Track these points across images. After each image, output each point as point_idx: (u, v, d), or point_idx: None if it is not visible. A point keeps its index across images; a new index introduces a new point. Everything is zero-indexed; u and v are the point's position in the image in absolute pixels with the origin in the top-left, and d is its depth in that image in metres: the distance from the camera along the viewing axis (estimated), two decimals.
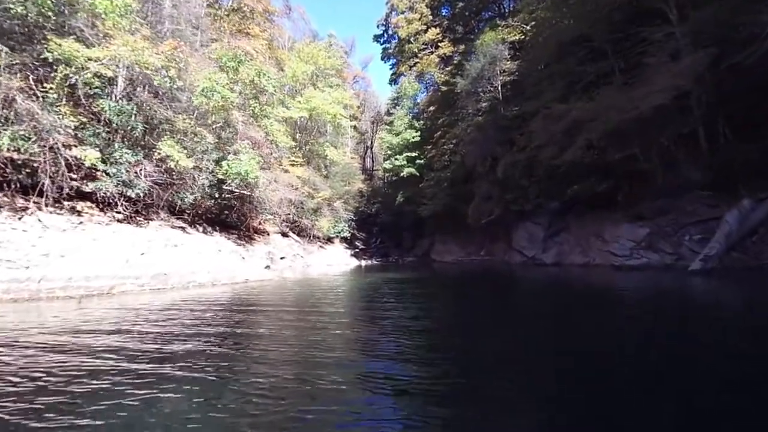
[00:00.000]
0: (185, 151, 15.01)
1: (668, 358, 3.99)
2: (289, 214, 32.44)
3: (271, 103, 29.56)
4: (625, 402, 3.02)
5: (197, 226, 19.26)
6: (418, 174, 36.46)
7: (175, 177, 15.88)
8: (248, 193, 19.87)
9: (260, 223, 30.04)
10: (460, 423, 2.74)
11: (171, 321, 5.93)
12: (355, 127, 61.15)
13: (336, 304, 8.10)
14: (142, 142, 14.51)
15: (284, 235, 31.98)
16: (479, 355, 4.47)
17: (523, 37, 27.75)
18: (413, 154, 37.20)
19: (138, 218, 14.98)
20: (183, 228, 17.07)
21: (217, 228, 22.95)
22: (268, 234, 30.13)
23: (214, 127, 18.60)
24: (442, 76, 37.90)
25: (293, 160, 31.02)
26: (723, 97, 14.13)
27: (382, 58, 54.92)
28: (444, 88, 35.27)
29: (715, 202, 14.75)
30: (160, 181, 14.95)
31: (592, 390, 3.26)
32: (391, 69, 52.93)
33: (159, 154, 13.71)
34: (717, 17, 13.42)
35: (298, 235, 34.29)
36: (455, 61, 35.00)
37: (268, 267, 19.96)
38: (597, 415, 2.83)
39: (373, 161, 65.46)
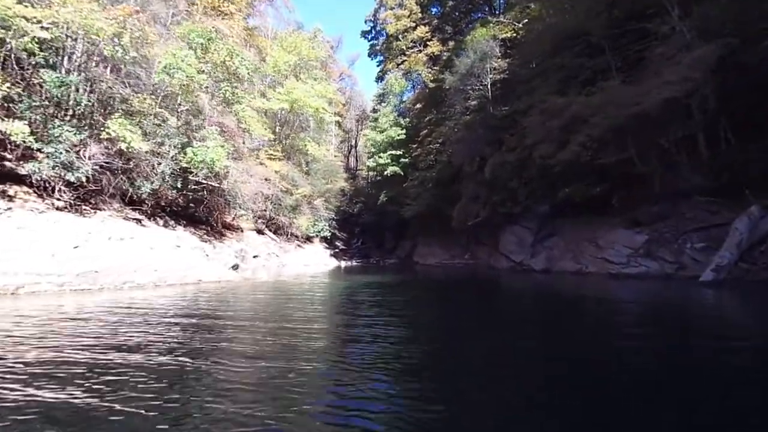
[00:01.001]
0: (141, 133, 13.32)
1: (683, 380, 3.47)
2: (265, 210, 30.82)
3: (247, 89, 28.01)
4: (621, 410, 2.90)
5: (157, 218, 17.50)
6: (402, 173, 35.15)
7: (129, 162, 14.16)
8: (217, 185, 18.20)
9: (234, 219, 28.33)
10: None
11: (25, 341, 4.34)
12: (339, 124, 59.72)
13: (299, 315, 6.63)
14: (90, 121, 12.77)
15: (260, 232, 30.29)
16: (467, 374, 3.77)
17: (514, 35, 26.79)
18: (398, 153, 35.89)
19: (83, 207, 13.22)
20: (139, 220, 15.33)
21: (184, 222, 21.18)
22: (242, 231, 28.44)
23: (180, 110, 16.93)
24: (430, 75, 36.77)
25: (271, 154, 29.37)
26: (727, 96, 13.25)
27: (369, 55, 53.58)
28: (432, 85, 34.10)
29: (716, 208, 13.83)
30: (110, 166, 13.22)
31: (587, 397, 3.12)
32: (378, 66, 51.69)
33: (107, 134, 11.99)
34: (724, 13, 12.54)
35: (275, 233, 32.64)
36: (444, 58, 33.85)
37: (236, 266, 18.30)
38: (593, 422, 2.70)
39: (357, 160, 63.95)
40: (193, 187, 18.93)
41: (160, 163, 15.22)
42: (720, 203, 13.89)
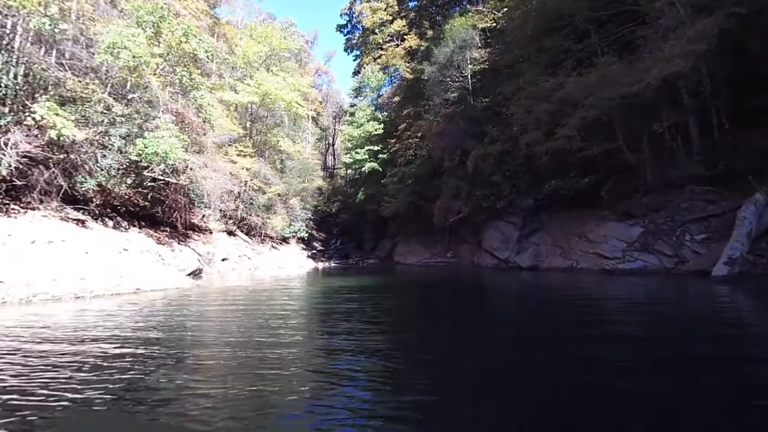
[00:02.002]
0: (78, 120, 11.58)
1: None
2: (236, 210, 29.06)
3: (215, 82, 26.19)
4: None
5: (106, 219, 15.68)
6: (380, 170, 33.78)
7: (66, 154, 12.37)
8: (176, 182, 16.46)
9: (202, 220, 26.51)
10: None
11: None
12: (316, 122, 58.04)
13: (243, 338, 5.17)
14: (14, 105, 10.97)
15: (230, 234, 28.49)
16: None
17: (494, 24, 25.81)
18: (375, 148, 34.48)
19: (10, 205, 11.41)
20: (81, 221, 13.53)
21: (142, 224, 19.33)
22: (211, 232, 26.61)
23: (129, 97, 15.15)
24: (408, 69, 35.57)
25: (241, 151, 27.58)
26: (724, 79, 12.45)
27: (345, 49, 52.21)
28: (410, 76, 32.89)
29: (712, 197, 13.03)
30: (41, 158, 11.44)
31: None
32: (354, 60, 50.33)
33: (33, 119, 10.23)
34: None
35: (248, 234, 30.87)
36: (423, 50, 32.71)
37: (197, 271, 16.63)
38: None
39: (335, 159, 62.33)
40: (150, 184, 17.13)
41: (105, 156, 13.44)
42: (716, 192, 13.11)
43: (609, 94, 11.92)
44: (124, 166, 14.84)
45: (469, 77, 25.16)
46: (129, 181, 14.87)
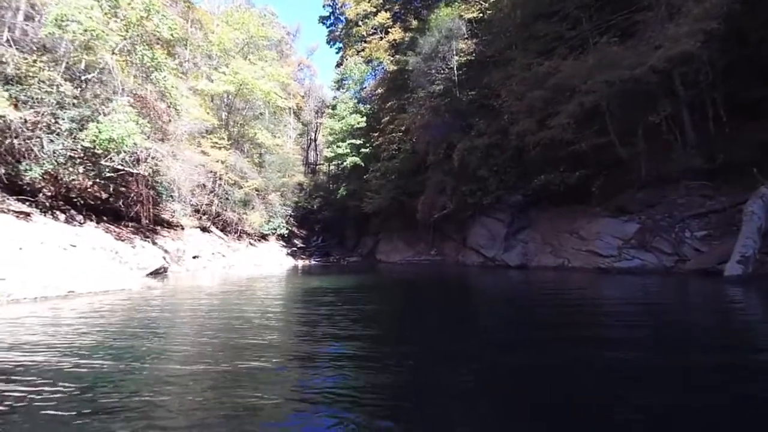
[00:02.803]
0: (16, 100, 10.18)
1: None
2: (210, 205, 27.62)
3: (188, 70, 24.75)
4: None
5: (57, 212, 14.21)
6: (363, 164, 32.65)
7: (3, 137, 10.93)
8: (137, 172, 15.03)
9: (174, 216, 24.99)
10: None
11: None
12: (298, 116, 56.47)
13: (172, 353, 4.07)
14: None
15: (204, 230, 27.01)
16: None
17: (480, 15, 24.95)
18: (358, 142, 33.31)
19: None
20: (26, 214, 12.08)
21: (104, 218, 17.84)
22: (182, 228, 25.10)
23: (84, 79, 13.71)
24: (392, 64, 34.48)
25: (216, 142, 26.08)
26: (725, 69, 11.81)
27: (328, 42, 50.85)
28: (393, 68, 31.83)
29: (710, 192, 12.39)
30: None
31: None
32: (337, 53, 49.07)
33: None
34: None
35: (223, 230, 29.42)
36: (407, 39, 31.68)
37: (160, 270, 15.29)
38: None
39: (317, 155, 60.81)
40: (109, 174, 15.67)
41: (52, 141, 12.01)
42: (712, 187, 12.48)
43: (609, 77, 11.12)
44: (77, 153, 13.41)
45: (455, 69, 24.25)
46: (82, 170, 13.41)
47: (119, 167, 15.15)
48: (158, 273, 15.10)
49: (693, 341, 4.50)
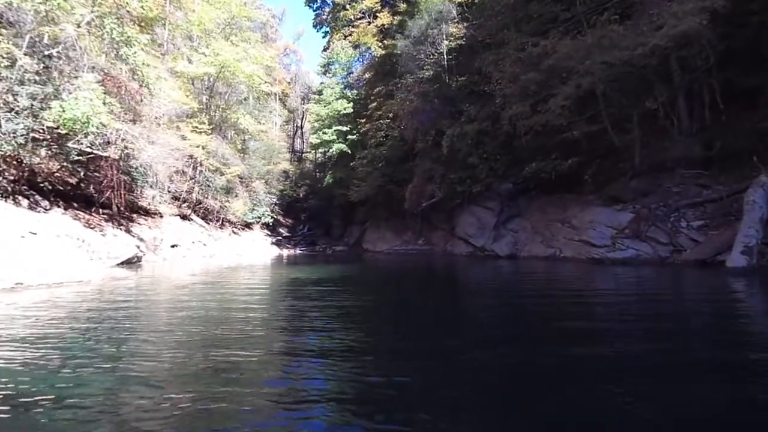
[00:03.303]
0: None
1: None
2: (190, 192, 26.64)
3: (166, 51, 23.60)
4: None
5: (20, 197, 13.27)
6: (349, 152, 31.85)
7: None
8: (106, 155, 14.09)
9: (152, 203, 24.02)
10: None
11: None
12: (284, 103, 55.09)
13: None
14: None
15: (184, 218, 26.09)
16: None
17: None
18: (344, 129, 32.43)
19: None
20: None
21: (75, 205, 16.90)
22: (161, 216, 24.16)
23: (48, 54, 12.67)
24: (380, 49, 33.53)
25: (196, 127, 24.99)
26: (724, 53, 11.38)
27: (315, 26, 49.41)
28: (381, 52, 30.95)
29: (705, 181, 12.06)
30: None
31: None
32: (324, 37, 47.81)
33: None
34: None
35: (205, 219, 28.47)
36: (396, 23, 30.77)
37: (133, 260, 14.46)
38: None
39: (304, 142, 59.55)
40: (76, 157, 14.69)
41: (9, 120, 11.04)
42: (708, 176, 12.15)
43: (608, 57, 10.60)
44: (40, 134, 12.44)
45: (444, 53, 23.55)
46: (45, 152, 12.46)
47: (88, 150, 14.22)
48: (131, 263, 14.27)
49: (696, 336, 4.07)
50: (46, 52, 12.73)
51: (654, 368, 3.08)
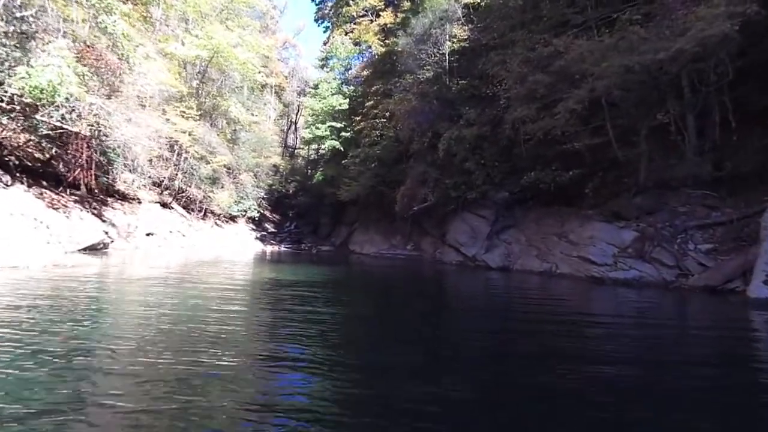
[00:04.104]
0: None
1: None
2: (172, 179, 25.51)
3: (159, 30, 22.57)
4: None
5: None
6: (342, 149, 30.96)
7: None
8: (77, 131, 13.00)
9: (130, 187, 22.88)
10: None
11: None
12: (279, 97, 54.04)
13: None
14: None
15: (165, 206, 24.95)
16: None
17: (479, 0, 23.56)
18: (338, 125, 31.52)
19: None
20: None
21: (44, 183, 15.78)
22: (140, 202, 23.01)
23: (20, 16, 11.59)
24: (381, 46, 32.77)
25: (183, 111, 23.88)
26: (741, 69, 10.78)
27: (316, 20, 48.71)
28: (382, 50, 30.19)
29: (713, 202, 11.42)
30: None
31: None
32: (324, 32, 47.04)
33: None
34: None
35: (186, 208, 27.31)
36: (399, 20, 30.03)
37: (98, 245, 13.39)
38: None
39: (297, 138, 58.46)
40: (46, 131, 13.59)
41: None
42: (717, 197, 11.53)
43: (628, 61, 9.88)
44: (4, 102, 11.33)
45: (447, 54, 22.81)
46: (6, 121, 11.35)
47: (58, 124, 13.12)
48: (95, 249, 13.20)
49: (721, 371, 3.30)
50: (18, 15, 11.67)
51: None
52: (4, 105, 12.40)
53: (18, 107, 12.62)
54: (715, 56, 10.08)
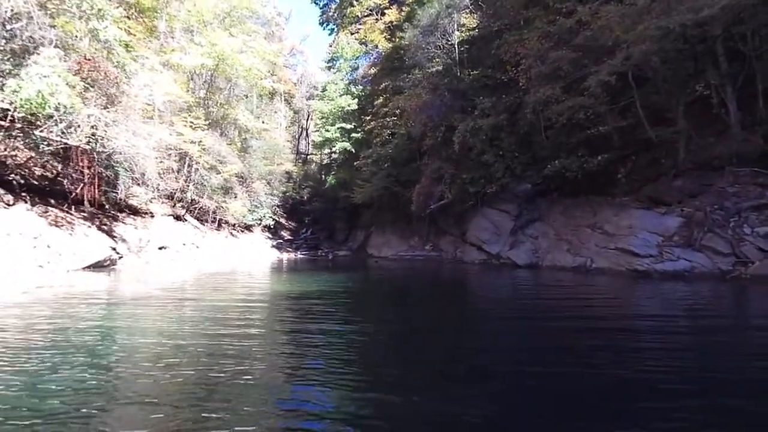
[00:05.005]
0: None
1: None
2: (183, 191, 25.19)
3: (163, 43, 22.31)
4: None
5: None
6: (353, 151, 30.23)
7: None
8: (76, 144, 12.51)
9: (142, 201, 22.56)
10: None
11: None
12: (289, 104, 53.84)
13: None
14: None
15: (178, 218, 24.59)
16: None
17: None
18: (348, 126, 30.81)
19: None
20: None
21: (51, 201, 15.43)
22: (152, 216, 22.68)
23: (10, 29, 11.18)
24: (387, 43, 31.99)
25: (191, 122, 23.53)
26: None
27: (321, 24, 48.30)
28: (389, 46, 29.42)
29: (766, 180, 10.18)
30: None
31: None
32: (330, 35, 46.61)
33: None
34: None
35: (200, 219, 26.97)
36: (404, 13, 29.24)
37: (105, 262, 12.86)
38: None
39: (308, 144, 58.15)
40: (47, 147, 13.19)
41: None
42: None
43: (666, 22, 8.77)
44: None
45: (456, 45, 21.87)
46: (1, 137, 10.91)
47: (57, 139, 12.69)
48: (102, 265, 12.68)
49: None
50: (8, 27, 11.26)
51: None
52: (2, 122, 12.12)
53: (18, 124, 12.28)
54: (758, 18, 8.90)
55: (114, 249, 14.23)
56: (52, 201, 15.72)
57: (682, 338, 4.52)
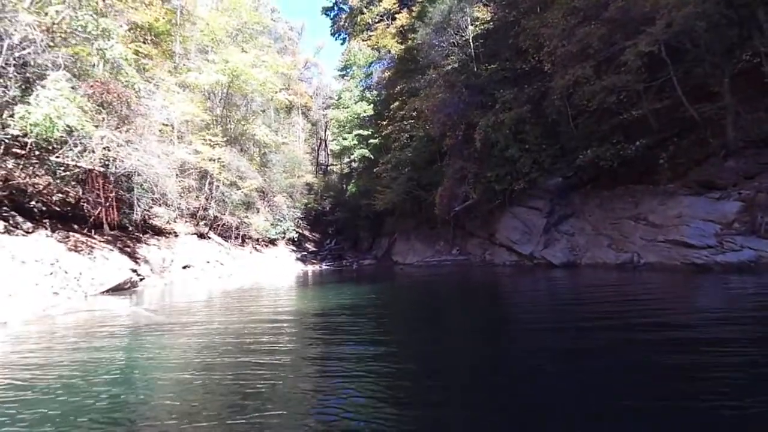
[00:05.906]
0: None
1: None
2: (205, 209, 25.22)
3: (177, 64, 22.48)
4: None
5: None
6: (372, 157, 29.72)
7: None
8: (91, 168, 12.39)
9: (165, 221, 22.60)
10: None
11: None
12: (306, 116, 54.12)
13: None
14: None
15: (202, 236, 24.57)
16: None
17: None
18: (365, 133, 30.34)
19: None
20: None
21: (75, 227, 15.44)
22: (176, 235, 22.70)
23: (18, 56, 11.16)
24: (399, 45, 31.52)
25: (209, 139, 23.58)
26: None
27: (333, 34, 48.53)
28: (401, 47, 28.90)
29: None
30: None
31: None
32: (342, 44, 46.68)
33: None
34: None
35: (223, 236, 26.93)
36: (416, 11, 28.70)
37: (125, 285, 12.61)
38: None
39: (327, 155, 58.19)
40: (62, 173, 13.17)
41: None
42: None
43: None
44: (14, 145, 10.87)
45: (470, 40, 21.09)
46: (11, 164, 10.84)
47: (73, 163, 12.63)
48: (123, 288, 12.43)
49: None
50: (17, 54, 11.24)
51: None
52: (18, 150, 12.14)
53: (36, 151, 12.30)
54: None
55: (135, 271, 14.04)
56: (75, 226, 15.76)
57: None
